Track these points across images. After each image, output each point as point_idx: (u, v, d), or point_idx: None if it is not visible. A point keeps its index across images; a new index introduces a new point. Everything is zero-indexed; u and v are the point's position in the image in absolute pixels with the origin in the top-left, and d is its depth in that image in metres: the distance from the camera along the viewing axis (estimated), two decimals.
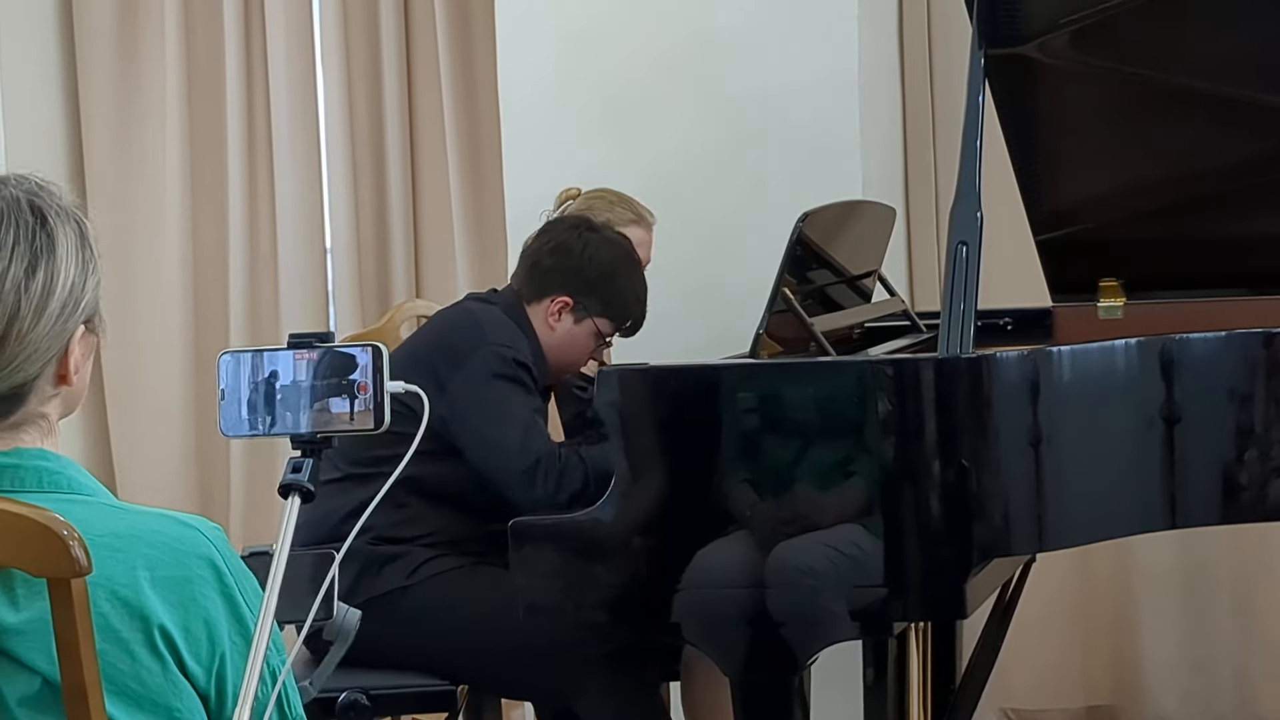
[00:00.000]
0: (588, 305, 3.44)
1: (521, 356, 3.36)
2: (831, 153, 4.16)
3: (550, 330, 3.45)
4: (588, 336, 3.47)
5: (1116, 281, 3.68)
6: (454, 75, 4.82)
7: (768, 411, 2.89)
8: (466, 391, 3.30)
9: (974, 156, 3.04)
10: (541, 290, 3.46)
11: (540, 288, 3.46)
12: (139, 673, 1.71)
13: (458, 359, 3.31)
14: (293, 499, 1.75)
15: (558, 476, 3.24)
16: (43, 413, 1.77)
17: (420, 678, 3.32)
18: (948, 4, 4.36)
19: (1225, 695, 4.54)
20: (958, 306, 2.90)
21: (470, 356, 3.32)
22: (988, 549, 2.87)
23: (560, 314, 3.45)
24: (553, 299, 3.44)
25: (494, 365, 3.32)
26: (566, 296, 3.44)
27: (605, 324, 3.47)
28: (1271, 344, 2.98)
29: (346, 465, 3.27)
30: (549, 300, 3.45)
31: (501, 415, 3.30)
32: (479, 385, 3.30)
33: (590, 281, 3.44)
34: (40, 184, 1.78)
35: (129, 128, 5.06)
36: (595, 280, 3.44)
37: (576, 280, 3.44)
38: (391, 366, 3.48)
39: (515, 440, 3.27)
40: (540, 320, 3.45)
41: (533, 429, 3.30)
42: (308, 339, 1.78)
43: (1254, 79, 3.36)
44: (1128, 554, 4.46)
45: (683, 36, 4.25)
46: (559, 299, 3.44)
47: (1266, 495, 2.99)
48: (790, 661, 2.86)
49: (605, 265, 3.45)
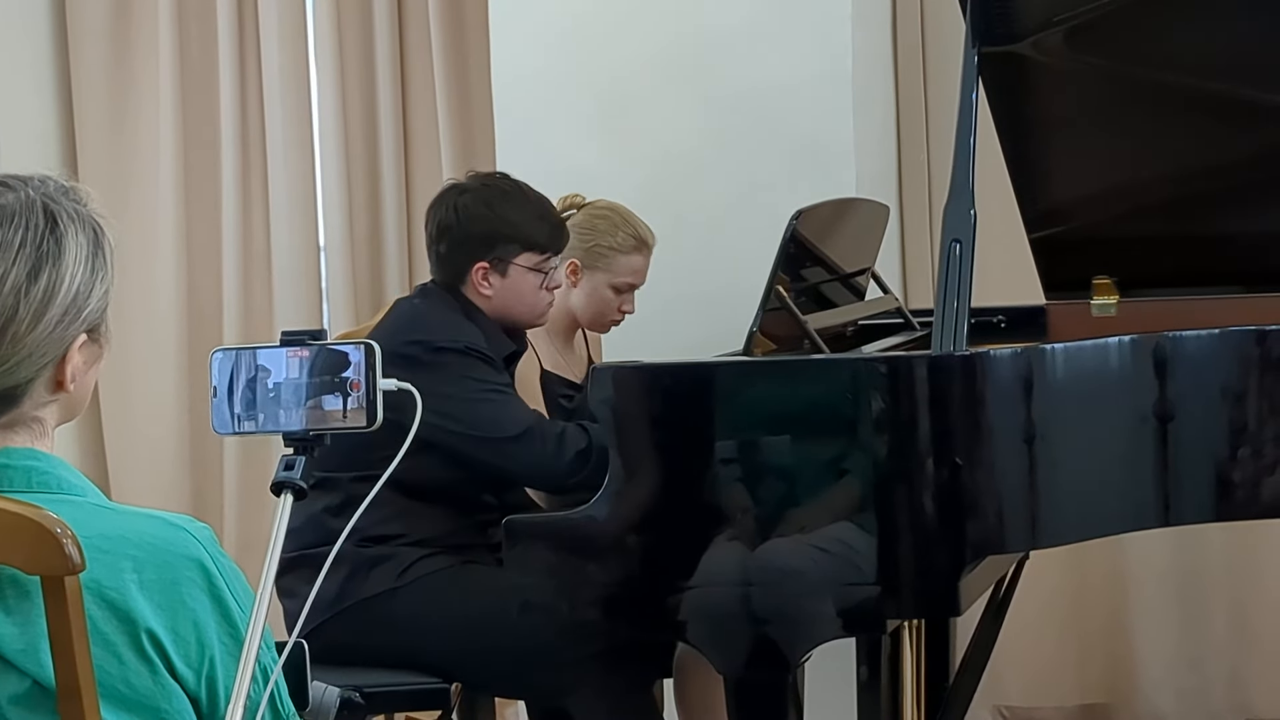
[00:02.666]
0: (501, 255, 3.40)
1: (474, 345, 3.33)
2: (825, 151, 4.16)
3: (488, 299, 3.41)
4: (523, 278, 3.42)
5: (1110, 279, 3.68)
6: (447, 72, 4.82)
7: (761, 409, 2.89)
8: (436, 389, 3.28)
9: (967, 154, 3.04)
10: (457, 272, 3.43)
11: (454, 270, 3.43)
12: (127, 676, 1.71)
13: (416, 363, 3.25)
14: (285, 497, 1.75)
15: (556, 438, 3.23)
16: (37, 416, 1.76)
17: (413, 676, 3.32)
18: (941, 2, 4.36)
19: (1219, 693, 4.55)
20: (951, 304, 2.91)
21: (427, 357, 3.29)
22: (981, 546, 2.87)
23: (485, 279, 3.41)
24: (471, 272, 3.41)
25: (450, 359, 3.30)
26: (479, 263, 3.40)
27: (529, 257, 3.41)
28: (1264, 341, 2.98)
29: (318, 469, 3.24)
30: (469, 275, 3.41)
31: (478, 399, 3.28)
32: (447, 380, 3.28)
33: (485, 236, 3.40)
34: (64, 187, 1.77)
35: (122, 125, 5.05)
36: (488, 233, 3.40)
37: (474, 244, 3.40)
38: None
39: (500, 416, 3.26)
40: (475, 295, 3.42)
41: (512, 402, 3.30)
42: (300, 336, 1.78)
43: (1247, 77, 3.36)
44: (1121, 552, 4.46)
45: (676, 35, 4.25)
46: (476, 268, 3.40)
47: (1260, 493, 2.99)
48: (782, 660, 2.86)
49: (487, 215, 3.40)
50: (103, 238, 1.77)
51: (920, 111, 4.53)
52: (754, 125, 4.22)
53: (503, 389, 3.33)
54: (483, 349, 3.34)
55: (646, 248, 3.80)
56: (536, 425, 3.27)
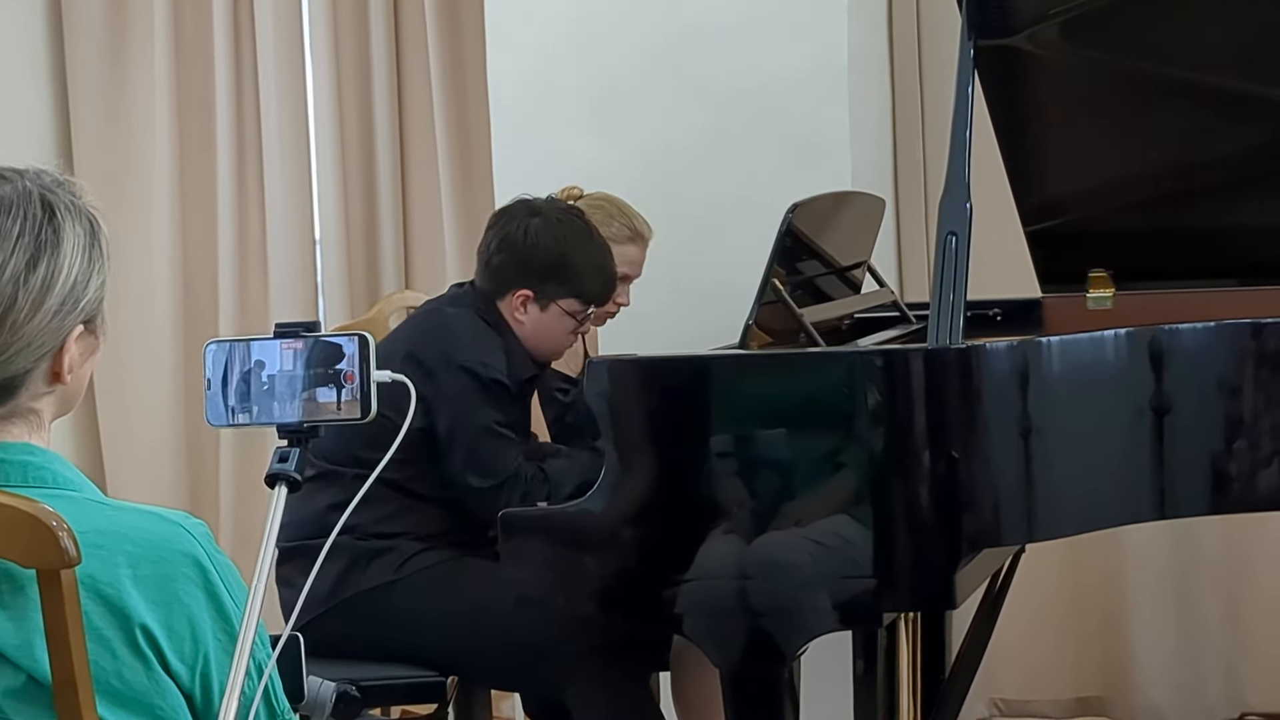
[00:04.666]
0: (547, 292, 3.41)
1: (494, 372, 3.33)
2: (821, 145, 4.16)
3: (520, 323, 3.43)
4: (559, 320, 3.44)
5: (1106, 272, 3.68)
6: (443, 66, 4.82)
7: (757, 403, 2.88)
8: (439, 407, 3.28)
9: (963, 147, 3.04)
10: (500, 287, 3.43)
11: (498, 285, 3.44)
12: (121, 671, 1.71)
13: (431, 374, 3.28)
14: (280, 488, 1.75)
15: (521, 498, 3.23)
16: (34, 408, 1.77)
17: (410, 669, 3.32)
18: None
19: (1214, 686, 4.55)
20: (947, 297, 2.90)
21: (443, 372, 3.30)
22: (977, 540, 2.86)
23: (524, 306, 3.42)
24: (513, 294, 3.42)
25: (466, 382, 3.31)
26: (524, 289, 3.41)
27: (571, 303, 3.43)
28: (1261, 334, 2.98)
29: (325, 462, 3.26)
30: (510, 295, 3.42)
31: (472, 434, 3.29)
32: (451, 401, 3.29)
33: (542, 269, 3.40)
34: (59, 179, 1.78)
35: (118, 118, 5.05)
36: (546, 267, 3.40)
37: (528, 271, 3.41)
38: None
39: (484, 459, 3.28)
40: (509, 314, 3.43)
41: (501, 448, 3.29)
42: (294, 328, 1.78)
43: (1243, 69, 3.36)
44: (1117, 546, 4.46)
45: (672, 30, 4.25)
46: (519, 293, 3.41)
47: (1256, 486, 2.98)
48: (778, 653, 2.86)
49: (553, 250, 3.41)
50: (99, 229, 1.78)
51: (916, 105, 4.53)
52: (750, 119, 4.21)
53: (503, 430, 3.32)
54: (503, 376, 3.35)
55: (642, 239, 3.79)
56: (511, 479, 3.27)
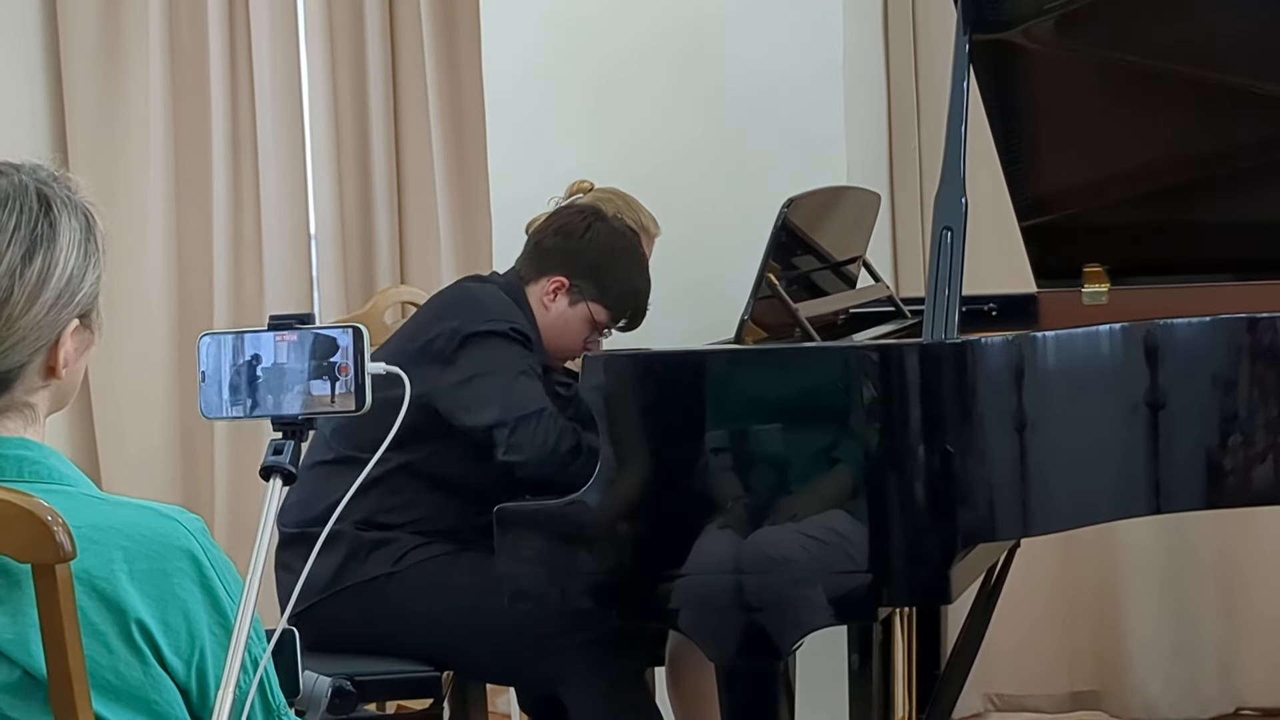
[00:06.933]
0: (583, 288, 3.46)
1: (520, 326, 3.38)
2: (816, 141, 4.16)
3: (545, 310, 3.47)
4: (582, 321, 3.48)
5: (1101, 267, 3.68)
6: (439, 61, 4.82)
7: (753, 397, 2.88)
8: (470, 362, 3.30)
9: (958, 142, 3.04)
10: (540, 269, 3.49)
11: (539, 266, 3.49)
12: (117, 666, 1.71)
13: (458, 333, 3.32)
14: (274, 481, 1.74)
15: (558, 431, 3.24)
16: (29, 403, 1.76)
17: (405, 664, 3.32)
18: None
19: (1209, 680, 4.56)
20: (942, 292, 2.90)
21: (471, 328, 3.33)
22: (972, 534, 2.87)
23: (555, 294, 3.47)
24: (550, 278, 3.46)
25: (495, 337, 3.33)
26: (562, 276, 3.46)
27: (600, 311, 3.48)
28: (1255, 329, 2.98)
29: (345, 448, 3.27)
30: (546, 279, 3.47)
31: (503, 371, 3.30)
32: (482, 353, 3.31)
33: (588, 265, 3.46)
34: (55, 174, 1.78)
35: (113, 113, 5.05)
36: (593, 265, 3.46)
37: (574, 262, 3.46)
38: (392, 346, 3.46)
39: (521, 393, 3.27)
40: (536, 300, 3.48)
41: (535, 387, 3.30)
42: (288, 321, 1.78)
43: (1239, 64, 3.36)
44: (1112, 539, 4.47)
45: (668, 27, 4.25)
46: (555, 279, 3.46)
47: (1250, 480, 2.99)
48: (773, 648, 2.86)
49: (606, 253, 3.47)
50: (94, 224, 1.78)
51: (911, 100, 4.53)
52: (746, 117, 4.21)
53: (535, 371, 3.35)
54: (530, 333, 3.38)
55: (648, 234, 3.81)
56: (548, 410, 3.28)
